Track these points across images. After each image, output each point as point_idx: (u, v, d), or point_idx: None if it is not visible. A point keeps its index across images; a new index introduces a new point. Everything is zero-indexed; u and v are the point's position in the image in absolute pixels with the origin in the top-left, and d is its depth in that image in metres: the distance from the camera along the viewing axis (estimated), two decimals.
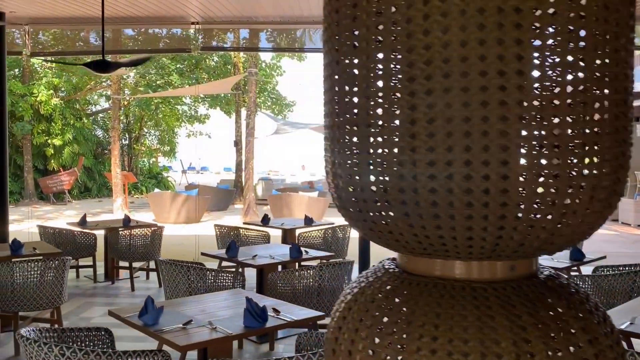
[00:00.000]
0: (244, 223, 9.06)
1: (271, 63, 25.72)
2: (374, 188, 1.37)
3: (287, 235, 8.49)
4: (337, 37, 1.34)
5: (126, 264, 8.20)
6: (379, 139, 1.35)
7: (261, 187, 23.09)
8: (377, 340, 1.29)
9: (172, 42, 10.60)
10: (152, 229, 8.28)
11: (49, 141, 22.65)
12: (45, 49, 11.21)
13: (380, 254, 7.30)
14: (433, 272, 1.37)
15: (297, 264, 6.38)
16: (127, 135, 28.61)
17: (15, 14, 9.14)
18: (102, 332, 3.57)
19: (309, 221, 8.60)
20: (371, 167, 1.36)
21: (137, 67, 19.52)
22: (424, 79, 1.25)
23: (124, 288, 7.99)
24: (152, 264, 8.40)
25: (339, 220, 9.67)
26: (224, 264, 7.26)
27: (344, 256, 8.05)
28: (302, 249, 5.92)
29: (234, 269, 6.30)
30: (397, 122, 1.29)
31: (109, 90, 28.13)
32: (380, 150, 1.36)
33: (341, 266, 5.21)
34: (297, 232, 8.26)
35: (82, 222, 8.43)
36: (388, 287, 1.37)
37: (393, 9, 1.22)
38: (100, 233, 8.43)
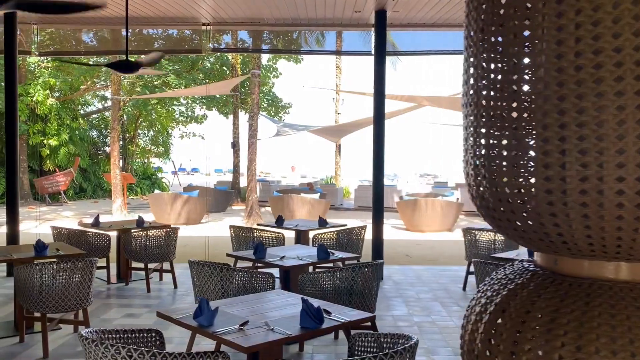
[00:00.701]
0: (258, 224, 9.03)
1: (267, 65, 25.69)
2: (520, 189, 1.39)
3: (301, 237, 8.49)
4: (496, 41, 1.35)
5: (138, 265, 8.17)
6: (526, 141, 1.37)
7: (258, 189, 23.04)
8: (545, 341, 1.30)
9: (181, 43, 10.58)
10: (166, 230, 8.24)
11: (45, 141, 22.47)
12: (58, 49, 11.12)
13: (392, 256, 7.32)
14: (598, 274, 1.38)
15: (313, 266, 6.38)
16: (121, 136, 28.46)
17: (24, 13, 9.07)
18: (153, 334, 3.56)
19: (322, 223, 8.60)
20: (517, 169, 1.38)
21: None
22: (574, 84, 1.27)
23: (139, 289, 7.95)
24: (165, 265, 8.37)
25: (337, 221, 9.71)
26: (243, 264, 7.24)
27: (359, 258, 8.06)
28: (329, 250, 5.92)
29: (261, 270, 6.28)
30: (545, 125, 1.31)
31: (103, 91, 28.00)
32: (529, 153, 1.38)
33: (374, 267, 5.22)
34: (312, 233, 8.26)
35: (96, 223, 8.37)
36: (548, 290, 1.38)
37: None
38: (112, 234, 8.38)
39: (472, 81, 1.49)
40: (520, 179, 1.43)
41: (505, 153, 1.45)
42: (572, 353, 1.25)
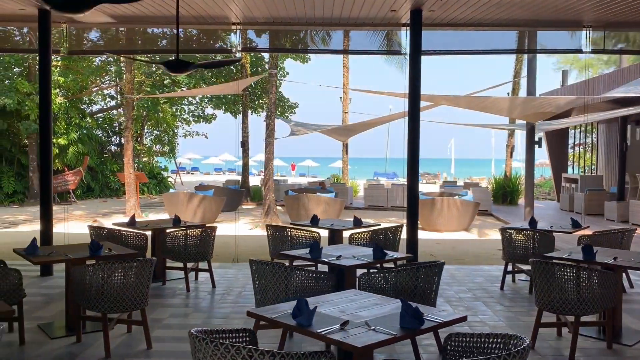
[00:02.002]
0: (291, 223, 9.02)
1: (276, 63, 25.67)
2: None
3: (335, 236, 8.50)
4: None
5: (176, 265, 8.17)
6: None
7: None
8: None
9: (207, 42, 10.56)
10: (202, 229, 8.23)
11: (54, 140, 22.38)
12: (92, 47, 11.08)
13: (426, 254, 7.21)
14: None
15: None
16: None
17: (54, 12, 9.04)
18: (247, 334, 3.57)
19: (357, 222, 8.60)
20: None
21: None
22: None
23: (178, 289, 7.93)
24: (199, 264, 8.37)
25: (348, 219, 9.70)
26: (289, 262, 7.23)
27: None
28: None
29: (314, 269, 6.26)
30: None
31: (110, 90, 27.93)
32: None
33: (435, 267, 5.23)
34: (348, 233, 8.27)
35: (132, 223, 8.35)
36: None
37: None
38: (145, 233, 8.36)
39: None
40: None
41: None
42: None
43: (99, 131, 27.85)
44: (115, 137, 29.28)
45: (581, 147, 26.32)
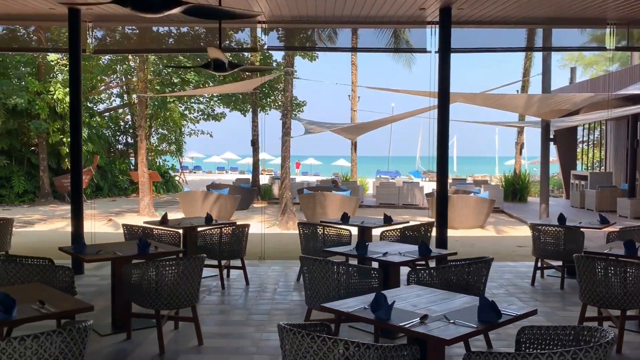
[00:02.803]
0: (321, 221, 9.06)
1: (281, 62, 25.69)
2: None
3: (365, 234, 8.55)
4: None
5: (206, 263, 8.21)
6: None
7: (277, 187, 23.06)
8: None
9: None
10: (233, 227, 8.27)
11: (64, 140, 22.40)
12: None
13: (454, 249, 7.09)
14: None
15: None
16: (135, 134, 28.42)
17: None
18: (324, 328, 3.62)
19: (388, 220, 8.66)
20: None
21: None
22: None
23: (212, 286, 7.99)
24: (228, 262, 8.41)
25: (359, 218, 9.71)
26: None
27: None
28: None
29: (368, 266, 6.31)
30: None
31: (117, 89, 27.94)
32: None
33: (485, 262, 5.29)
34: (379, 230, 8.32)
35: (164, 221, 8.39)
36: None
37: None
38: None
39: None
40: None
41: None
42: None
43: (106, 130, 27.88)
44: (122, 136, 29.30)
45: (585, 144, 26.44)
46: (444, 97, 8.66)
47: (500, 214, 19.27)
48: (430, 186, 27.88)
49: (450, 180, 29.61)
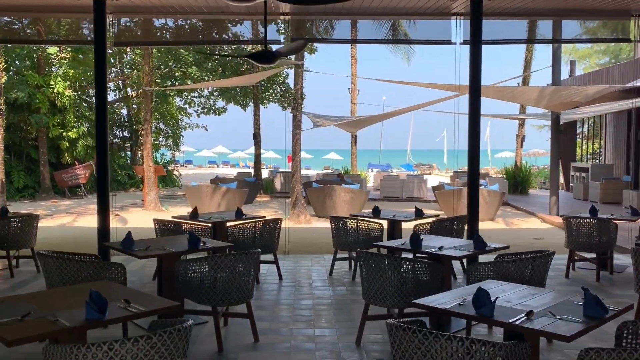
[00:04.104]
0: (350, 215, 8.98)
1: (289, 57, 25.52)
2: None
3: (394, 227, 8.50)
4: None
5: None
6: None
7: (279, 181, 22.97)
8: None
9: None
10: (263, 221, 8.17)
11: (64, 134, 22.12)
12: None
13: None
14: None
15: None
16: (133, 129, 28.15)
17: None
18: (418, 323, 3.56)
19: (419, 213, 8.61)
20: None
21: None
22: None
23: None
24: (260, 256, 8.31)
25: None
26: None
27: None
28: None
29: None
30: None
31: (116, 82, 27.62)
32: None
33: (547, 256, 5.25)
34: (412, 224, 8.27)
35: (194, 216, 8.27)
36: None
37: None
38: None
39: None
40: None
41: None
42: None
43: None
44: (118, 130, 29.00)
45: (578, 136, 26.58)
46: (475, 93, 8.57)
47: (506, 206, 19.31)
48: (434, 180, 27.86)
49: (452, 174, 29.72)
